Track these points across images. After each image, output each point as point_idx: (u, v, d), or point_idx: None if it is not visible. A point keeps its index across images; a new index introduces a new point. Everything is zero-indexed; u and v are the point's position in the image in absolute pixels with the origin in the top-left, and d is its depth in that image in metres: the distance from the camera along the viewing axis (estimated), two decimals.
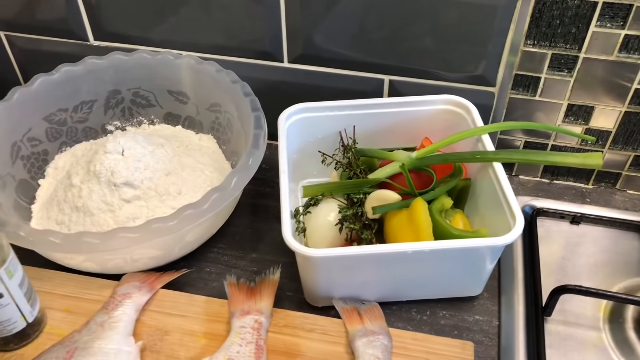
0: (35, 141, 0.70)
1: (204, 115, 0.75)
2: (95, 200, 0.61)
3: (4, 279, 0.47)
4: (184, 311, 0.56)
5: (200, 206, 0.54)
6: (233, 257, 0.66)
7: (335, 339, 0.54)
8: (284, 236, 0.53)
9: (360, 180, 0.62)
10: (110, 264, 0.57)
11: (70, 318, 0.55)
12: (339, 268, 0.55)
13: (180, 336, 0.54)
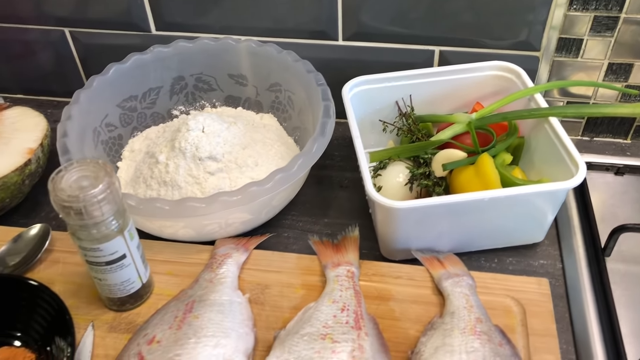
0: (111, 127, 0.74)
1: (263, 95, 0.80)
2: (182, 174, 0.66)
3: (127, 240, 0.52)
4: (278, 267, 0.61)
5: (289, 170, 0.59)
6: (307, 222, 0.71)
7: (421, 283, 0.59)
8: (368, 192, 0.58)
9: (425, 143, 0.67)
10: (206, 229, 0.62)
11: (174, 280, 0.59)
12: (417, 220, 0.59)
13: (280, 289, 0.59)
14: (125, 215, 0.51)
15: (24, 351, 0.52)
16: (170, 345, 0.49)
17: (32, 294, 0.53)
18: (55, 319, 0.52)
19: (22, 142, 0.69)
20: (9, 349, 0.52)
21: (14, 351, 0.51)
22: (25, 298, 0.54)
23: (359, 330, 0.51)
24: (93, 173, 0.48)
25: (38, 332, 0.54)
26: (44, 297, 0.53)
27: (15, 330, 0.54)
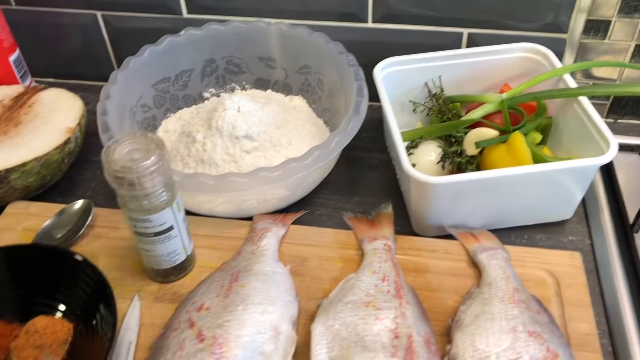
0: (146, 107, 0.76)
1: (292, 78, 0.81)
2: (219, 152, 0.67)
3: (175, 212, 0.54)
4: (316, 242, 0.62)
5: (326, 146, 0.61)
6: (338, 201, 0.72)
7: (456, 257, 0.60)
8: (405, 168, 0.59)
9: (456, 122, 0.69)
10: (245, 205, 0.64)
11: (216, 253, 0.61)
12: (452, 196, 0.61)
13: (319, 262, 0.60)
14: (173, 188, 0.53)
15: (62, 321, 0.53)
16: (220, 311, 0.51)
17: (75, 267, 0.55)
18: (97, 292, 0.53)
19: (61, 122, 0.71)
20: (46, 317, 0.53)
21: (52, 320, 0.53)
22: (67, 270, 0.55)
23: (400, 299, 0.52)
24: (144, 146, 0.50)
25: (78, 304, 0.55)
26: (86, 271, 0.54)
27: (55, 300, 0.56)
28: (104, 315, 0.51)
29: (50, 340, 0.50)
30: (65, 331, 0.52)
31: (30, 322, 0.52)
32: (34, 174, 0.66)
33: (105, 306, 0.52)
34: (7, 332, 0.52)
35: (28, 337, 0.50)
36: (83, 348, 0.52)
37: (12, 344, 0.51)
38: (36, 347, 0.49)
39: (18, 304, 0.55)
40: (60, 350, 0.51)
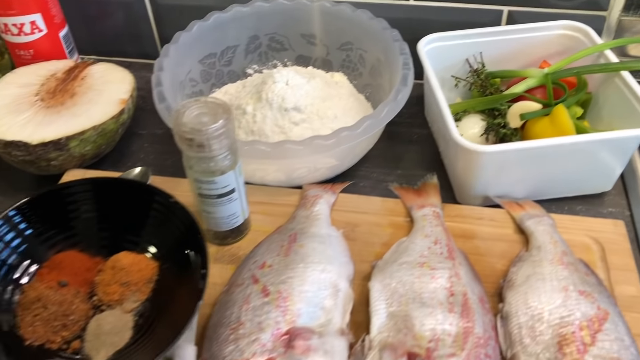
0: (194, 81, 0.78)
1: (334, 54, 0.83)
2: (269, 124, 0.69)
3: (237, 175, 0.56)
4: (365, 209, 0.64)
5: (377, 116, 0.63)
6: (380, 174, 0.75)
7: (502, 224, 0.62)
8: (454, 137, 0.61)
9: (499, 95, 0.70)
10: (296, 174, 0.66)
11: (269, 219, 0.63)
12: (498, 166, 0.63)
13: (369, 227, 0.62)
14: (236, 152, 0.55)
15: (147, 259, 0.55)
16: (282, 269, 0.53)
17: (166, 208, 0.56)
18: (187, 235, 0.54)
19: (114, 94, 0.73)
20: (131, 254, 0.55)
21: (137, 257, 0.55)
22: (157, 210, 0.56)
23: (453, 260, 0.55)
24: (211, 110, 0.52)
25: (165, 244, 0.56)
26: (177, 213, 0.56)
27: (140, 238, 0.57)
28: (192, 259, 0.53)
29: (136, 277, 0.53)
30: (151, 269, 0.54)
31: (115, 258, 0.54)
32: (91, 142, 0.68)
33: (195, 250, 0.53)
34: (91, 266, 0.54)
35: (114, 273, 0.52)
36: (169, 288, 0.54)
37: (97, 278, 0.53)
38: (122, 283, 0.52)
39: (103, 239, 0.57)
40: (146, 288, 0.53)
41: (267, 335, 0.48)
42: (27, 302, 0.52)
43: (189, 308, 0.49)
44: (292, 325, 0.49)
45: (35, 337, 0.50)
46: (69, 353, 0.51)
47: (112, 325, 0.51)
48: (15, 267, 0.54)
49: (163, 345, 0.47)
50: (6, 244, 0.54)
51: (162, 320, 0.52)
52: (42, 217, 0.56)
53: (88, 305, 0.53)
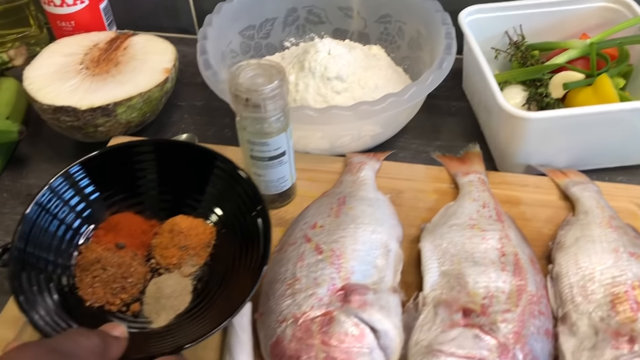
0: (234, 53, 0.79)
1: (371, 27, 0.83)
2: (312, 93, 0.70)
3: (288, 138, 0.57)
4: (409, 176, 0.65)
5: (423, 83, 0.63)
6: (420, 144, 0.75)
7: (547, 190, 0.63)
8: (500, 103, 0.61)
9: (541, 66, 0.71)
10: (340, 141, 0.66)
11: (314, 185, 0.64)
12: (543, 134, 0.63)
13: (414, 193, 0.63)
14: (288, 114, 0.56)
15: (205, 223, 0.55)
16: (334, 229, 0.54)
17: (226, 172, 0.55)
18: (245, 201, 0.54)
19: (157, 63, 0.74)
20: (188, 218, 0.55)
21: (195, 221, 0.54)
22: (218, 174, 0.56)
23: (502, 223, 0.55)
24: (266, 72, 0.53)
25: (223, 210, 0.56)
26: (237, 178, 0.55)
27: (198, 203, 0.56)
28: (253, 224, 0.52)
29: (194, 242, 0.52)
30: (209, 234, 0.54)
31: (173, 222, 0.54)
32: (137, 109, 0.69)
33: (257, 216, 0.52)
34: (147, 229, 0.54)
35: (172, 236, 0.52)
36: (227, 253, 0.53)
37: (154, 241, 0.53)
38: (180, 247, 0.52)
39: (162, 201, 0.56)
40: (204, 253, 0.53)
41: (324, 290, 0.49)
42: (86, 263, 0.51)
43: (252, 272, 0.48)
44: (347, 282, 0.50)
45: (95, 299, 0.50)
46: (128, 315, 0.50)
47: (172, 289, 0.51)
48: (72, 226, 0.54)
49: (228, 309, 0.46)
50: (65, 202, 0.54)
51: (222, 285, 0.51)
52: (102, 176, 0.56)
53: (146, 268, 0.53)
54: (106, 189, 0.56)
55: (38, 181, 0.74)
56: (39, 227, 0.51)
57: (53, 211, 0.53)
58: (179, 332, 0.47)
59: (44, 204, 0.52)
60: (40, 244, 0.51)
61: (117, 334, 0.41)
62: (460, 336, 0.45)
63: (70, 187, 0.55)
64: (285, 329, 0.47)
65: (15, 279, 0.47)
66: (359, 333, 0.46)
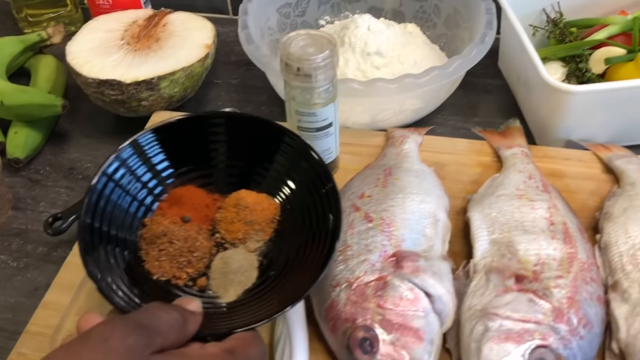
0: (271, 30, 0.79)
1: (406, 5, 0.83)
2: (352, 68, 0.70)
3: (335, 109, 0.57)
4: (451, 150, 0.65)
5: (467, 55, 0.64)
6: (457, 121, 0.75)
7: (589, 164, 0.63)
8: (543, 76, 0.61)
9: (581, 42, 0.71)
10: (381, 115, 0.67)
11: (357, 158, 0.65)
12: (585, 107, 0.63)
13: (456, 167, 0.63)
14: (337, 85, 0.56)
15: (269, 198, 0.53)
16: (382, 198, 0.55)
17: (293, 148, 0.53)
18: (312, 177, 0.51)
19: (197, 39, 0.74)
20: (252, 193, 0.53)
21: (259, 197, 0.53)
22: (284, 150, 0.53)
23: (549, 194, 0.56)
24: (317, 42, 0.53)
25: (288, 186, 0.53)
26: (304, 154, 0.52)
27: (263, 178, 0.54)
28: (318, 204, 0.50)
29: (259, 217, 0.51)
30: (273, 210, 0.52)
31: (238, 196, 0.52)
32: (180, 84, 0.70)
33: (324, 196, 0.49)
34: (210, 202, 0.52)
35: (238, 211, 0.51)
36: (291, 229, 0.51)
37: (218, 215, 0.52)
38: (246, 222, 0.50)
39: (228, 175, 0.54)
40: (268, 228, 0.51)
41: (375, 256, 0.49)
42: (152, 236, 0.49)
43: (320, 251, 0.47)
44: (398, 249, 0.50)
45: (162, 272, 0.48)
46: (194, 290, 0.48)
47: (239, 264, 0.49)
48: (138, 198, 0.52)
49: (297, 288, 0.45)
50: (131, 172, 0.51)
51: (288, 263, 0.49)
52: (171, 146, 0.53)
53: (211, 243, 0.51)
54: (174, 160, 0.53)
55: (80, 155, 0.75)
56: (105, 198, 0.49)
57: (119, 181, 0.50)
58: (249, 309, 0.46)
59: (111, 174, 0.49)
60: (107, 216, 0.48)
61: (192, 308, 0.40)
62: (515, 300, 0.46)
63: (138, 157, 0.51)
64: (340, 293, 0.48)
65: (88, 255, 0.45)
66: (413, 297, 0.47)
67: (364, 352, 0.44)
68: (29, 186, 0.71)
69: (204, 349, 0.37)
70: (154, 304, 0.38)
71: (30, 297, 0.59)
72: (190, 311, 0.39)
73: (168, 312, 0.37)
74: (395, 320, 0.45)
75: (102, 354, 0.32)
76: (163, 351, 0.35)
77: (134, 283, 0.47)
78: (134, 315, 0.36)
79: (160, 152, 0.53)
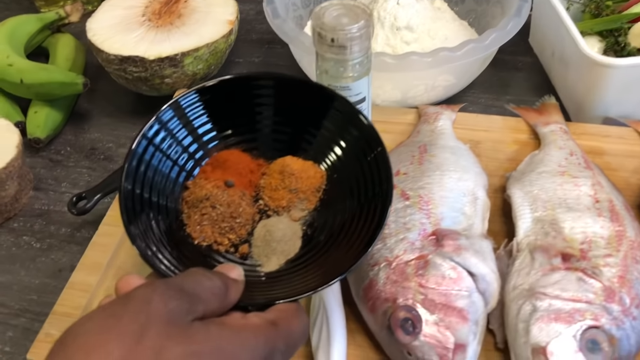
0: (295, 6, 0.77)
1: None
2: (380, 43, 0.68)
3: (369, 84, 0.55)
4: (486, 127, 0.63)
5: (503, 29, 0.61)
6: (488, 99, 0.73)
7: (631, 141, 0.61)
8: (583, 50, 0.59)
9: (622, 15, 0.68)
10: (412, 91, 0.65)
11: (389, 136, 0.60)
12: (624, 83, 0.61)
13: (492, 144, 0.61)
14: (370, 58, 0.54)
15: (315, 166, 0.50)
16: (418, 176, 0.53)
17: (345, 115, 0.49)
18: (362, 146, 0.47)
19: (220, 15, 0.72)
20: (298, 160, 0.49)
21: (305, 164, 0.49)
22: (335, 116, 0.49)
23: (591, 171, 0.53)
24: (351, 12, 0.51)
25: (337, 154, 0.49)
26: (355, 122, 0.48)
27: (312, 145, 0.50)
28: (367, 174, 0.46)
29: (305, 185, 0.48)
30: (319, 178, 0.49)
31: (283, 162, 0.49)
32: (203, 60, 0.68)
33: (375, 162, 0.46)
34: (254, 168, 0.50)
35: (283, 178, 0.48)
36: (337, 200, 0.48)
37: (262, 181, 0.49)
38: (291, 190, 0.48)
39: (274, 140, 0.51)
40: (314, 197, 0.49)
41: (414, 234, 0.48)
42: (195, 199, 0.47)
43: (367, 225, 0.43)
44: (437, 227, 0.48)
45: (203, 237, 0.46)
46: (236, 257, 0.46)
47: (282, 233, 0.46)
48: (179, 162, 0.48)
49: (341, 261, 0.42)
50: (172, 135, 0.48)
51: (332, 235, 0.46)
52: (212, 109, 0.49)
53: (254, 209, 0.48)
54: (217, 123, 0.50)
55: (101, 135, 0.73)
56: (145, 163, 0.46)
57: (160, 145, 0.47)
58: (291, 280, 0.43)
59: (151, 137, 0.46)
60: (148, 181, 0.46)
61: (234, 276, 0.37)
62: (564, 279, 0.44)
63: (179, 119, 0.48)
64: (378, 272, 0.46)
65: (130, 222, 0.42)
66: (456, 276, 0.45)
67: (406, 333, 0.43)
68: (50, 167, 0.70)
69: (245, 319, 0.35)
70: (195, 270, 0.36)
71: (55, 279, 0.58)
72: (232, 279, 0.37)
73: (210, 278, 0.35)
74: (438, 299, 0.44)
75: (143, 315, 0.31)
76: (204, 318, 0.33)
77: (174, 247, 0.44)
78: (176, 280, 0.35)
79: (203, 114, 0.49)
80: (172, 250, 0.44)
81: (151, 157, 0.46)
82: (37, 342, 0.48)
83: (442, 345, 0.42)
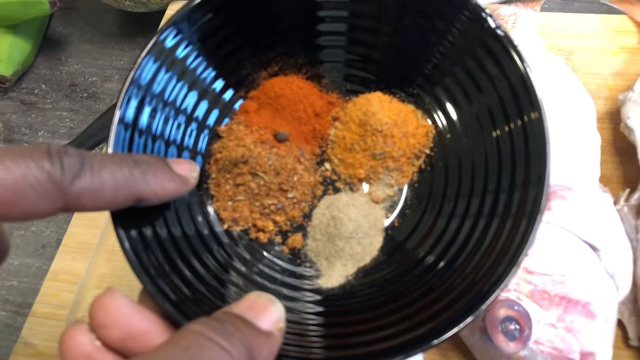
0: None
1: None
2: None
3: None
4: (579, 31, 0.48)
5: None
6: None
7: None
8: None
9: None
10: None
11: None
12: None
13: (590, 54, 0.46)
14: None
15: (418, 116, 0.31)
16: None
17: (475, 36, 0.29)
18: (506, 99, 0.28)
19: None
20: (395, 101, 0.31)
21: (405, 110, 0.31)
22: (460, 36, 0.29)
23: None
24: None
25: (457, 99, 0.30)
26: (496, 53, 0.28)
27: (416, 81, 0.31)
28: (508, 143, 0.27)
29: (399, 146, 0.30)
30: (422, 136, 0.31)
31: (368, 104, 0.30)
32: None
33: (521, 131, 0.27)
34: (324, 107, 0.32)
35: (364, 132, 0.30)
36: (449, 178, 0.30)
37: (334, 131, 0.31)
38: (375, 154, 0.30)
39: (350, 63, 0.32)
40: (409, 167, 0.31)
41: None
42: (227, 160, 0.30)
43: (500, 230, 0.26)
44: None
45: (236, 218, 0.30)
46: (285, 253, 0.30)
47: (356, 224, 0.29)
48: (209, 88, 0.30)
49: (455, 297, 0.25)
50: (197, 47, 0.29)
51: (441, 231, 0.29)
52: (259, 7, 0.30)
53: (316, 178, 0.31)
54: (265, 28, 0.31)
55: (82, 67, 0.59)
56: (155, 96, 0.27)
57: (182, 65, 0.29)
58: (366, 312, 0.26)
59: (170, 49, 0.28)
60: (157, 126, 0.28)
61: (267, 326, 0.22)
62: None
63: (208, 24, 0.29)
64: None
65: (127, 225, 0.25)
66: (577, 253, 0.32)
67: (510, 339, 0.31)
68: (22, 111, 0.56)
69: None
70: (195, 328, 0.20)
71: (38, 257, 0.47)
72: (264, 332, 0.21)
73: (215, 348, 0.20)
74: (552, 290, 0.31)
75: None
76: None
77: (190, 249, 0.27)
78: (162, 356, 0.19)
79: (238, 14, 0.30)
80: (183, 259, 0.27)
81: (164, 87, 0.28)
82: (14, 356, 0.37)
83: (563, 355, 0.30)
